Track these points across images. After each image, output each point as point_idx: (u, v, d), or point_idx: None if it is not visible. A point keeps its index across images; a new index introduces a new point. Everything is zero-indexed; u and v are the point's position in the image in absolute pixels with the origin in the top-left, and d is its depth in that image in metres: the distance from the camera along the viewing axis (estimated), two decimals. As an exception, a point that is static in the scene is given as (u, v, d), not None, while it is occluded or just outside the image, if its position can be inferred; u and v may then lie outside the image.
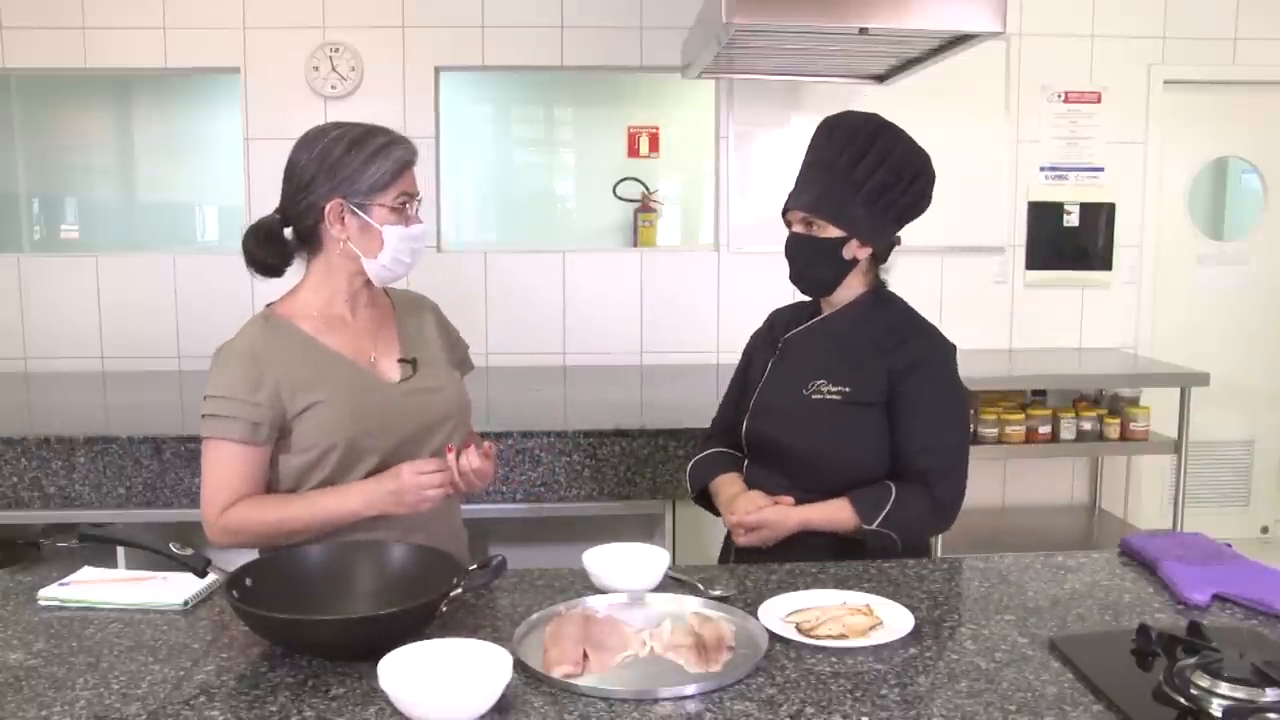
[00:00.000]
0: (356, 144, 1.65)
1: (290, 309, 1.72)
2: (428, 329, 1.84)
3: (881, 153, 1.82)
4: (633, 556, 1.58)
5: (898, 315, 1.92)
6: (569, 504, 2.76)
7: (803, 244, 1.86)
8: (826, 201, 1.82)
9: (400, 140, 1.69)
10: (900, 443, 1.82)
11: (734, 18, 2.48)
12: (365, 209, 1.65)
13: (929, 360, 1.86)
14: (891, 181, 1.82)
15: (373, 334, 1.75)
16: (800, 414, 1.86)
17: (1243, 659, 1.18)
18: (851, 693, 1.22)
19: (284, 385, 1.63)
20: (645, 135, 4.26)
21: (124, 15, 3.74)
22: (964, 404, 1.90)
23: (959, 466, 1.84)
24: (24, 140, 4.28)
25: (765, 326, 2.09)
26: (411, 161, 1.69)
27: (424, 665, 1.20)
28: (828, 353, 1.89)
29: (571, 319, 3.95)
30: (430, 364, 1.79)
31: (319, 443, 1.63)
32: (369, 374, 1.71)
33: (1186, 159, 4.13)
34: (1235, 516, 4.21)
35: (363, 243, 1.67)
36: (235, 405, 1.60)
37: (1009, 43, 3.91)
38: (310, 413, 1.63)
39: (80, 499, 2.66)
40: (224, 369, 1.64)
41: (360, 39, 3.78)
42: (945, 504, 1.82)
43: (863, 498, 1.79)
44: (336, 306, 1.73)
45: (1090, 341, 4.10)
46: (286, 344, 1.67)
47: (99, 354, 3.86)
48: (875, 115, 1.87)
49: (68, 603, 1.50)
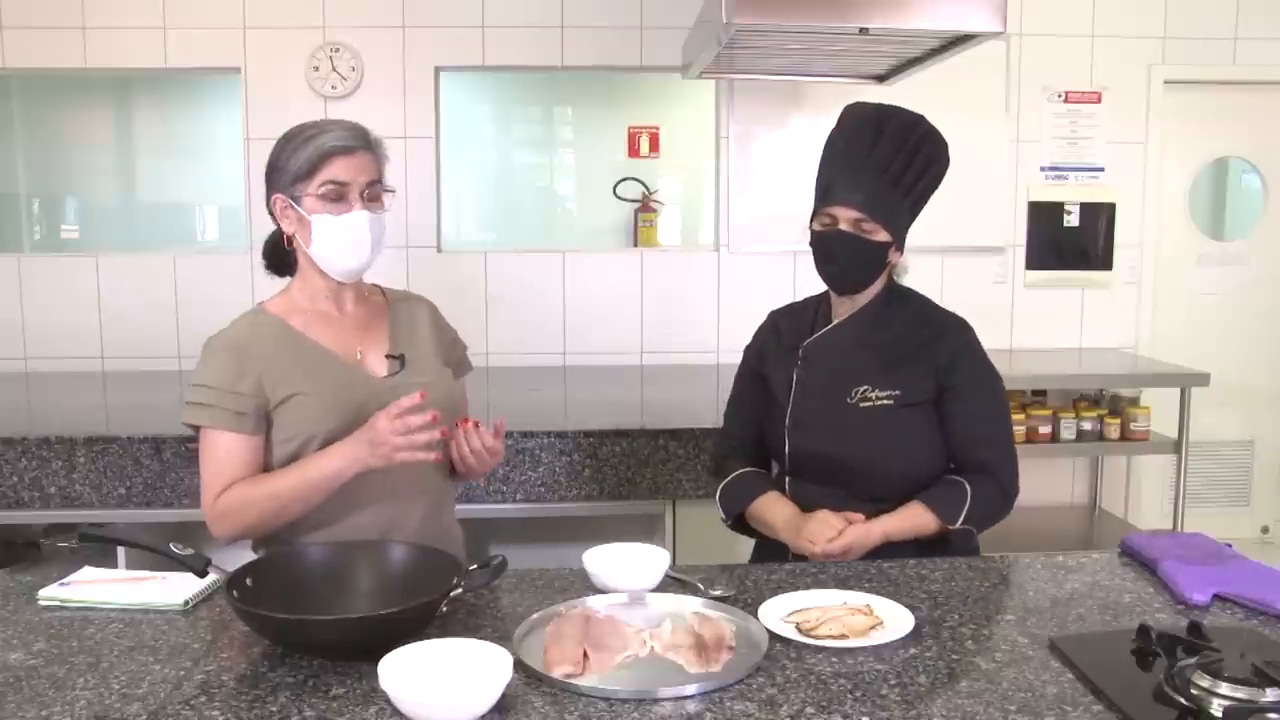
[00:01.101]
0: (290, 138, 1.68)
1: (279, 306, 1.75)
2: (420, 327, 1.84)
3: (927, 159, 1.81)
4: (633, 556, 1.58)
5: (920, 309, 1.90)
6: (569, 504, 2.76)
7: (850, 243, 1.80)
8: (880, 204, 1.79)
9: (331, 128, 1.67)
10: (956, 436, 1.82)
11: (734, 18, 2.48)
12: (298, 200, 1.66)
13: (968, 349, 1.85)
14: (929, 188, 1.83)
15: (361, 330, 1.76)
16: (849, 424, 1.82)
17: (1243, 659, 1.17)
18: (851, 693, 1.22)
19: (266, 376, 1.65)
20: (645, 135, 4.26)
21: (124, 15, 3.74)
22: (1002, 384, 1.90)
23: (1013, 451, 1.86)
24: (24, 140, 4.29)
25: (770, 334, 2.01)
26: (337, 148, 1.65)
27: (424, 665, 1.20)
28: (861, 357, 1.85)
29: (571, 319, 3.95)
30: (419, 361, 1.79)
31: (298, 434, 1.64)
32: (353, 368, 1.72)
33: (1186, 159, 4.13)
34: (1235, 516, 4.21)
35: (304, 235, 1.68)
36: (219, 395, 1.63)
37: (1009, 43, 3.91)
38: (290, 403, 1.64)
39: (80, 499, 2.66)
40: (210, 359, 1.67)
41: (360, 39, 3.79)
42: (1011, 491, 1.84)
43: (939, 498, 1.78)
44: (321, 303, 1.75)
45: (1090, 341, 4.10)
46: (271, 336, 1.69)
47: (99, 354, 3.86)
48: (921, 116, 1.84)
49: (68, 603, 1.50)
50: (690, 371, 3.82)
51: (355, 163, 1.67)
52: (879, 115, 1.83)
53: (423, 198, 3.85)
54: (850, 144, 1.83)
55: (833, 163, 1.84)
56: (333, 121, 1.69)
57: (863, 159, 1.80)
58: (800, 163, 3.92)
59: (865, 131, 1.82)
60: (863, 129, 1.83)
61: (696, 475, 2.76)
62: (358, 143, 1.67)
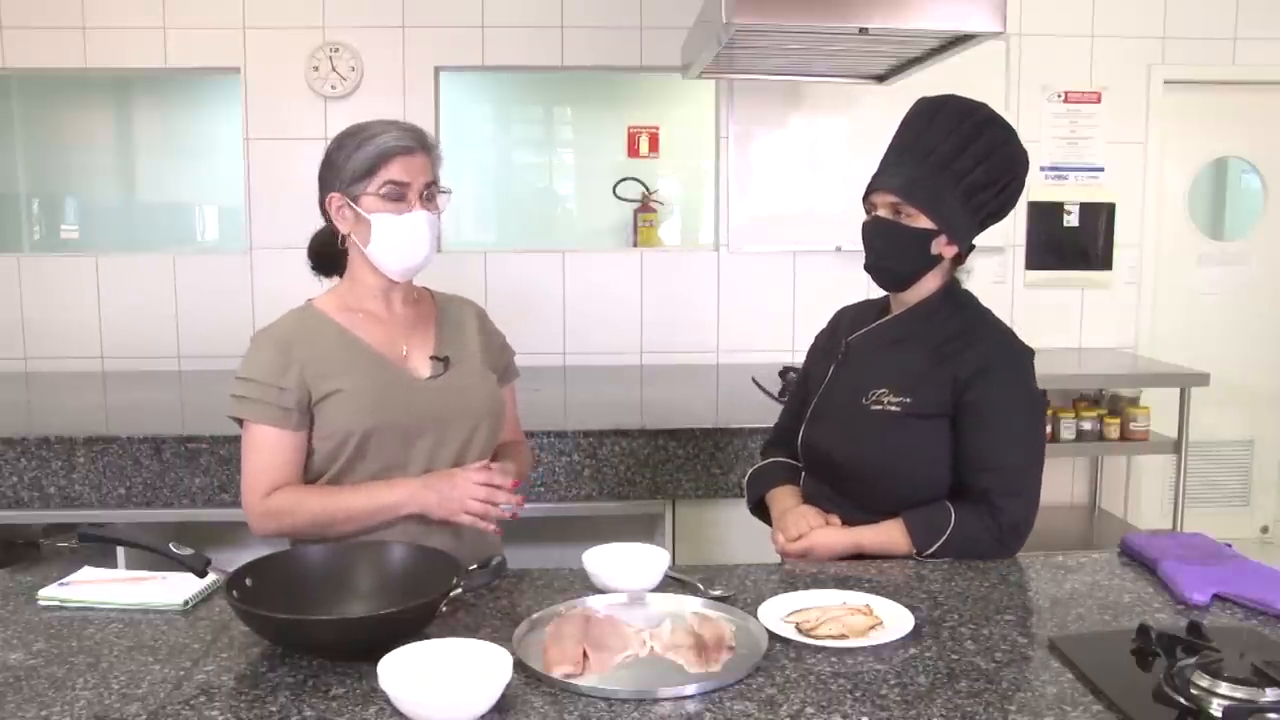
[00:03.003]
0: (349, 136, 1.68)
1: (328, 303, 1.76)
2: (468, 330, 1.85)
3: (988, 146, 1.69)
4: (633, 556, 1.58)
5: (969, 317, 1.78)
6: (569, 504, 2.76)
7: (886, 230, 1.72)
8: (920, 188, 1.69)
9: (390, 128, 1.68)
10: (963, 458, 1.70)
11: (734, 18, 2.48)
12: (356, 200, 1.67)
13: (998, 367, 1.71)
14: (994, 178, 1.70)
15: (408, 330, 1.77)
16: (856, 425, 1.76)
17: (1243, 659, 1.17)
18: (851, 693, 1.22)
19: (309, 371, 1.65)
20: (645, 135, 4.26)
21: (124, 15, 3.74)
22: (1037, 417, 1.76)
23: (1027, 487, 1.71)
24: (24, 140, 4.29)
25: (829, 327, 1.96)
26: (397, 148, 1.66)
27: (424, 665, 1.20)
28: (891, 358, 1.77)
29: (571, 319, 3.95)
30: (464, 364, 1.79)
31: (338, 430, 1.65)
32: (396, 367, 1.72)
33: (1186, 159, 4.13)
34: (1235, 516, 4.21)
35: (360, 234, 1.69)
36: (262, 389, 1.64)
37: (1009, 43, 3.91)
38: (332, 399, 1.65)
39: (80, 499, 2.66)
40: (257, 353, 1.68)
41: (360, 39, 3.79)
42: (1009, 528, 1.68)
43: (919, 521, 1.68)
44: (368, 302, 1.75)
45: (1090, 341, 4.10)
46: (318, 331, 1.71)
47: (99, 354, 3.86)
48: (984, 104, 1.74)
49: (68, 603, 1.50)
50: (690, 371, 3.82)
51: (415, 163, 1.68)
52: (936, 102, 1.76)
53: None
54: (901, 131, 1.77)
55: (885, 153, 1.79)
56: (391, 122, 1.69)
57: (910, 143, 1.74)
58: (800, 163, 3.94)
59: (917, 118, 1.76)
60: (918, 116, 1.76)
61: (696, 475, 2.76)
62: (417, 143, 1.69)
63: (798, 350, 3.23)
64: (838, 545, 1.74)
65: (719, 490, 2.77)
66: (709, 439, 2.75)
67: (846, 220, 1.85)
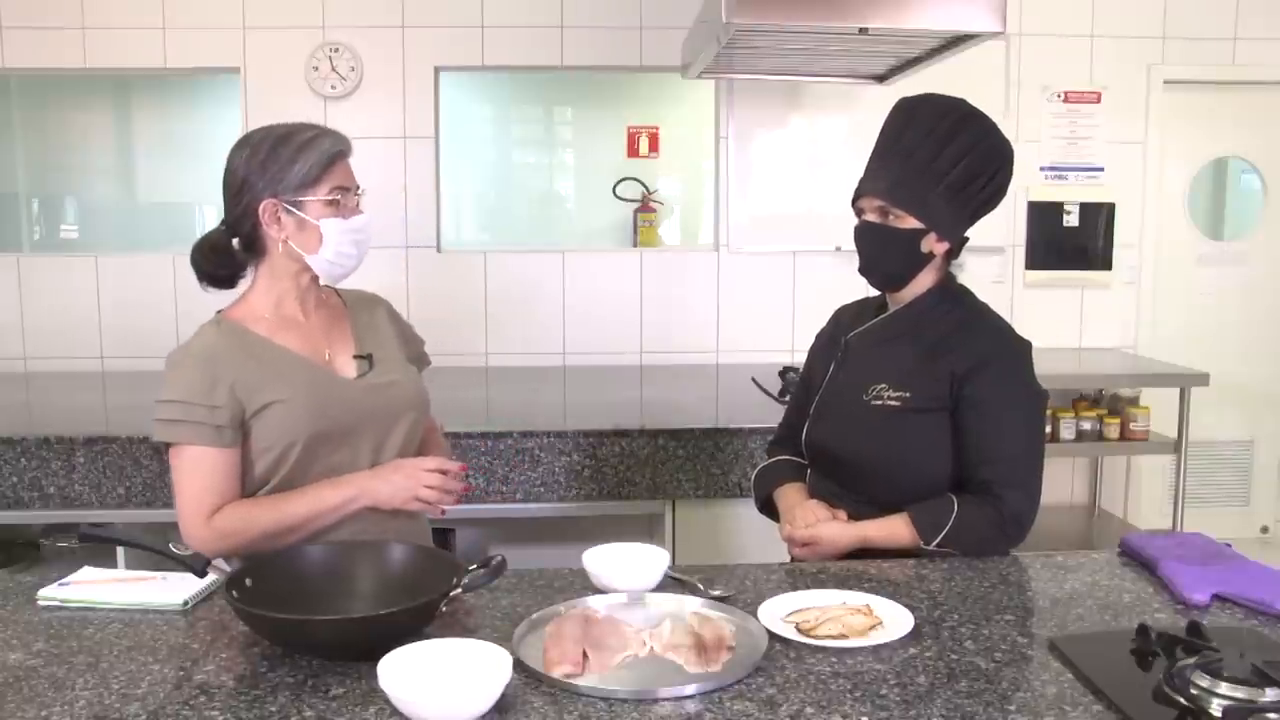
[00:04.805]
0: (283, 141, 1.65)
1: (241, 313, 1.72)
2: (381, 325, 1.85)
3: (968, 142, 1.72)
4: (633, 556, 1.58)
5: (966, 312, 1.82)
6: (569, 504, 2.76)
7: (876, 233, 1.76)
8: (904, 190, 1.72)
9: (328, 132, 1.68)
10: (963, 451, 1.73)
11: (734, 18, 2.48)
12: (299, 206, 1.65)
13: (995, 361, 1.74)
14: (975, 174, 1.72)
15: (326, 333, 1.76)
16: (857, 421, 1.78)
17: (1243, 659, 1.17)
18: (851, 693, 1.22)
19: (240, 386, 1.62)
20: (645, 135, 4.26)
21: (124, 15, 3.74)
22: (1036, 409, 1.79)
23: (1028, 478, 1.73)
24: (24, 140, 4.28)
25: (829, 325, 1.99)
26: (341, 152, 1.67)
27: (424, 665, 1.20)
28: (890, 354, 1.80)
29: (571, 319, 3.95)
30: (386, 359, 1.79)
31: (279, 441, 1.63)
32: (326, 371, 1.71)
33: (1186, 159, 4.13)
34: (1235, 516, 4.21)
35: (302, 240, 1.67)
36: (192, 410, 1.60)
37: (1009, 43, 3.91)
38: (268, 412, 1.63)
39: (80, 499, 2.66)
40: (179, 373, 1.64)
41: (360, 39, 3.79)
42: (1011, 518, 1.70)
43: (922, 514, 1.71)
44: (286, 308, 1.73)
45: (1090, 341, 4.10)
46: (240, 345, 1.67)
47: (99, 354, 3.86)
48: (961, 100, 1.77)
49: (68, 603, 1.50)
50: (690, 371, 3.82)
51: (349, 167, 1.70)
52: (913, 102, 1.78)
53: (422, 198, 3.85)
54: (883, 134, 1.79)
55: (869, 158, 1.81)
56: (313, 125, 1.68)
57: (891, 146, 1.76)
58: (800, 163, 3.94)
59: (896, 119, 1.78)
60: (895, 118, 1.78)
61: (696, 475, 2.76)
62: (348, 147, 1.70)
63: (797, 350, 3.23)
64: (843, 538, 1.75)
65: (719, 490, 2.77)
66: (709, 439, 2.75)
67: (846, 220, 1.85)
